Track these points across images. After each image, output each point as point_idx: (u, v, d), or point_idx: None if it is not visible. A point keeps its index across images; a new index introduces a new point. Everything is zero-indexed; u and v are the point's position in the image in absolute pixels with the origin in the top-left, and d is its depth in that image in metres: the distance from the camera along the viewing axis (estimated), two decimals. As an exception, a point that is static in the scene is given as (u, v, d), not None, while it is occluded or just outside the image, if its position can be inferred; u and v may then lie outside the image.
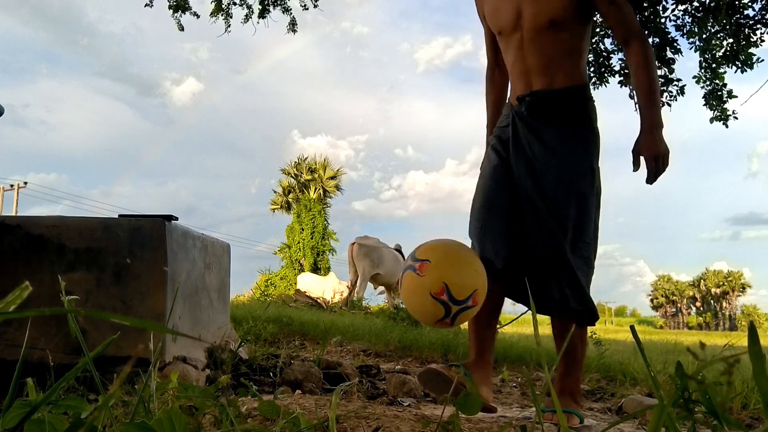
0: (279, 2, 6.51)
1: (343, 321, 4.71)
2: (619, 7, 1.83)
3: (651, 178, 1.80)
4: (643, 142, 1.77)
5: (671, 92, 5.72)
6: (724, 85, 5.59)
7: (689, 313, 67.40)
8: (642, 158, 1.79)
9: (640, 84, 1.83)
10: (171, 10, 6.31)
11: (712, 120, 5.71)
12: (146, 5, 6.24)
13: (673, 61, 5.67)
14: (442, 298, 1.59)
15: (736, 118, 5.65)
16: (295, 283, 14.20)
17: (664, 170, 1.79)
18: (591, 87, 5.84)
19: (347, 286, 11.44)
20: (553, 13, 1.83)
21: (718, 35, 5.43)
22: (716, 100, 5.60)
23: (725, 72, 5.53)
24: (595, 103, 1.93)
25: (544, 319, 2.01)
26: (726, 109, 5.64)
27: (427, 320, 1.71)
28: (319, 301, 9.64)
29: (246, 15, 6.52)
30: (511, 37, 1.94)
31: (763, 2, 5.16)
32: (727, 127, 5.68)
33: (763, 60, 5.34)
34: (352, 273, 11.16)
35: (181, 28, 6.53)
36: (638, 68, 1.83)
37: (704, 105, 5.69)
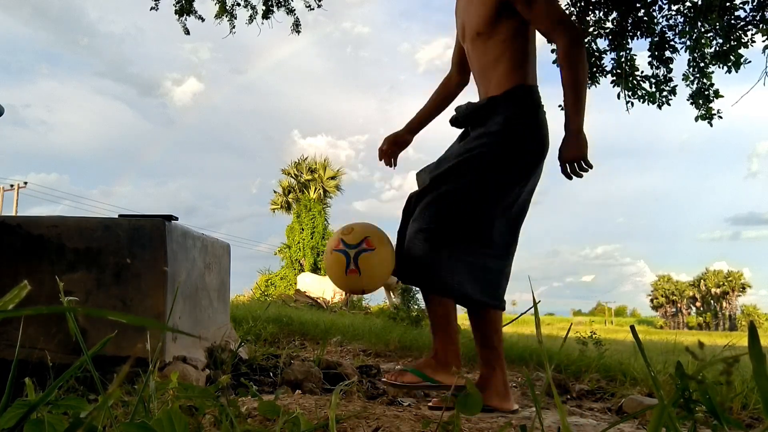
0: (283, 3, 6.53)
1: (343, 321, 4.72)
2: (531, 5, 1.79)
3: (568, 177, 1.82)
4: (562, 146, 1.79)
5: (667, 92, 5.75)
6: (711, 84, 5.63)
7: (689, 313, 67.41)
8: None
9: (563, 80, 1.79)
10: (176, 15, 6.34)
11: (697, 118, 5.77)
12: (152, 9, 6.25)
13: (671, 60, 5.69)
14: (339, 248, 1.89)
15: (720, 117, 5.70)
16: (295, 283, 14.21)
17: (581, 172, 1.79)
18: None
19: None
20: (477, 24, 1.91)
21: (708, 35, 5.46)
22: (702, 99, 5.65)
23: (713, 72, 5.57)
24: (529, 105, 1.87)
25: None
26: (711, 108, 5.68)
27: (337, 276, 1.92)
28: (319, 301, 9.65)
29: (250, 16, 6.54)
30: (465, 48, 2.07)
31: (754, 3, 5.17)
32: (711, 125, 5.75)
33: (750, 61, 5.37)
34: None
35: (187, 32, 6.56)
36: (560, 62, 1.79)
37: (690, 104, 5.73)
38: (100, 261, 1.79)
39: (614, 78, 5.86)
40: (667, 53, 5.65)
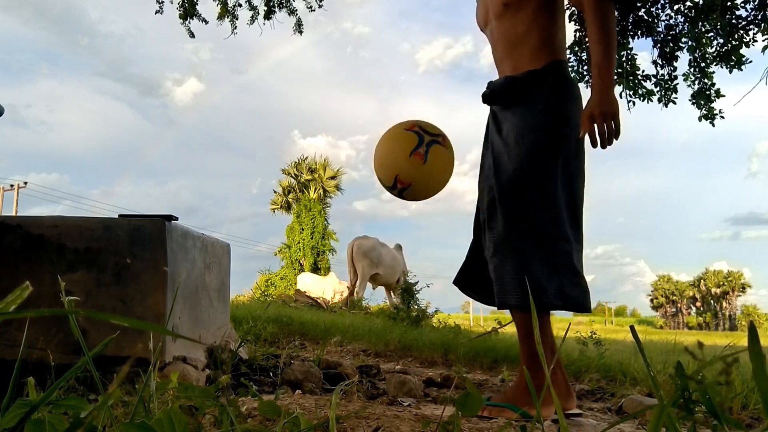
0: (285, 4, 6.54)
1: (343, 321, 4.71)
2: None
3: (593, 142, 1.67)
4: (589, 101, 1.67)
5: (673, 90, 5.77)
6: (713, 84, 5.63)
7: (689, 313, 67.39)
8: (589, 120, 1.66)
9: (590, 38, 1.70)
10: (181, 19, 6.37)
11: (700, 119, 5.77)
12: (156, 12, 6.28)
13: (677, 58, 5.70)
14: (414, 129, 1.84)
15: (722, 117, 5.70)
16: (295, 283, 14.20)
17: (611, 132, 1.64)
18: (585, 85, 5.81)
19: (347, 287, 11.44)
20: None
21: (709, 35, 5.46)
22: (704, 99, 5.65)
23: (714, 72, 5.57)
24: (568, 82, 1.82)
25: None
26: (713, 108, 5.69)
27: (398, 154, 1.83)
28: (319, 301, 9.65)
29: (251, 16, 6.56)
30: (487, 32, 2.00)
31: (756, 3, 5.18)
32: (713, 125, 5.75)
33: (752, 61, 5.38)
34: (352, 273, 11.17)
35: (192, 35, 6.59)
36: (588, 21, 1.70)
37: (692, 104, 5.73)
38: (100, 261, 1.79)
39: (615, 77, 5.87)
40: (673, 52, 5.66)
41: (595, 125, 1.64)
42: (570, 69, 5.34)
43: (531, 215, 1.74)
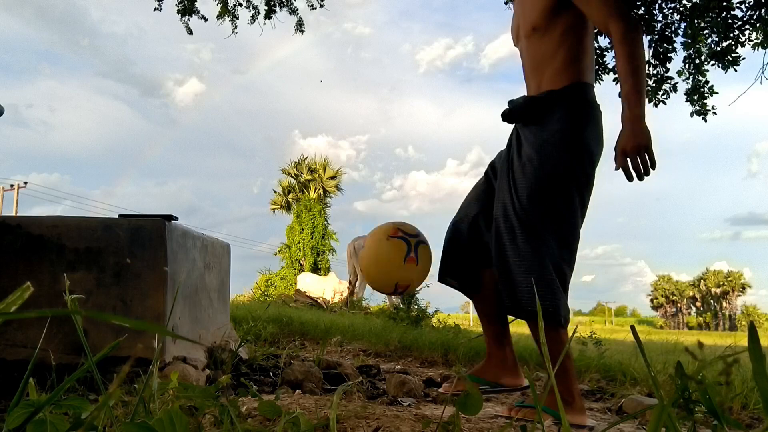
0: (286, 3, 6.53)
1: (343, 321, 4.71)
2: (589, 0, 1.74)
3: (628, 176, 1.64)
4: (620, 136, 1.65)
5: (665, 90, 5.78)
6: (707, 82, 5.65)
7: (689, 313, 67.39)
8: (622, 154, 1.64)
9: (619, 69, 1.69)
10: (179, 15, 6.35)
11: (692, 114, 5.80)
12: (155, 9, 6.26)
13: (670, 59, 5.71)
14: (398, 235, 1.96)
15: (715, 113, 5.73)
16: (295, 283, 14.19)
17: (645, 165, 1.62)
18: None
19: (347, 287, 11.44)
20: (533, 19, 1.89)
21: (704, 32, 5.47)
22: (698, 95, 5.68)
23: (707, 70, 5.59)
24: (587, 103, 1.83)
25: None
26: (706, 104, 5.71)
27: (394, 263, 1.97)
28: (319, 301, 9.65)
29: (252, 16, 6.55)
30: (518, 48, 2.07)
31: (751, 3, 5.18)
32: (705, 121, 5.80)
33: (744, 58, 5.42)
34: (351, 273, 11.16)
35: (190, 32, 6.58)
36: (617, 52, 1.69)
37: (686, 100, 5.75)
38: (100, 261, 1.79)
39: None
40: (667, 52, 5.67)
41: (629, 159, 1.62)
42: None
43: (537, 234, 1.78)
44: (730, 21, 5.28)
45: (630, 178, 1.65)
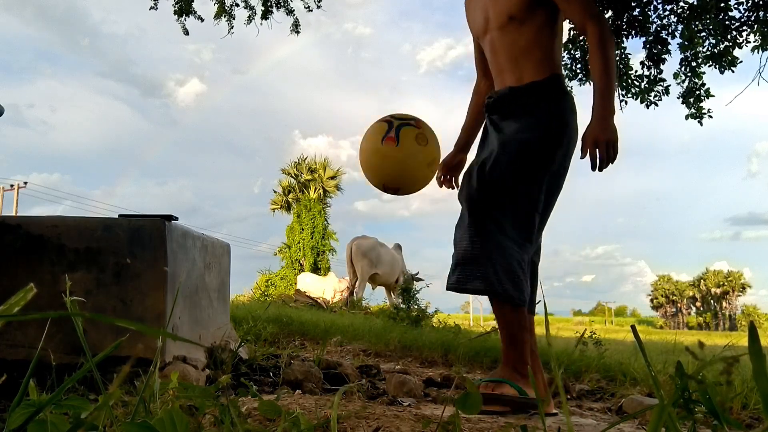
0: (282, 3, 6.52)
1: (343, 321, 4.71)
2: None
3: (593, 165, 1.77)
4: (590, 127, 1.77)
5: (657, 92, 5.77)
6: (703, 84, 5.64)
7: (689, 313, 67.39)
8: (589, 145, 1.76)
9: (593, 67, 1.81)
10: (176, 15, 6.34)
11: (687, 117, 5.79)
12: (151, 8, 6.25)
13: (664, 61, 5.71)
14: (385, 119, 1.92)
15: (710, 116, 5.71)
16: (295, 283, 14.19)
17: (610, 159, 1.75)
18: (578, 83, 5.84)
19: (347, 286, 11.43)
20: (509, 8, 1.91)
21: (701, 34, 5.47)
22: (693, 98, 5.67)
23: (704, 72, 5.58)
24: (567, 95, 1.93)
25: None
26: (701, 107, 5.69)
27: (372, 146, 1.92)
28: (319, 301, 9.65)
29: (248, 16, 6.54)
30: (484, 39, 2.05)
31: (749, 4, 5.18)
32: (701, 125, 5.78)
33: (742, 61, 5.39)
34: (351, 273, 11.16)
35: (186, 32, 6.56)
36: (592, 51, 1.81)
37: (681, 103, 5.74)
38: (100, 261, 1.79)
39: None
40: (662, 54, 5.67)
41: (597, 150, 1.75)
42: (563, 66, 5.39)
43: (510, 214, 1.83)
44: (727, 22, 5.27)
45: (594, 168, 1.78)
